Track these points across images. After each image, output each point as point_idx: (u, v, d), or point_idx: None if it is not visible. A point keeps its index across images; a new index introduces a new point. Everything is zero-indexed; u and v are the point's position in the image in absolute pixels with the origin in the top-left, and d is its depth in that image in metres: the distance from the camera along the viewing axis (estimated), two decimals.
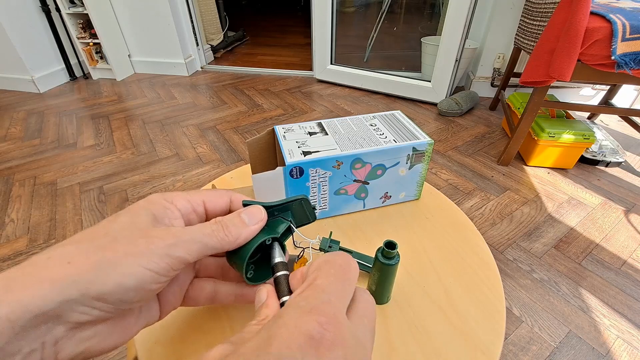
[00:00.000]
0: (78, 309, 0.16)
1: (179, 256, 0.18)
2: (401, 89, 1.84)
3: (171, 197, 0.22)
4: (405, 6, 2.38)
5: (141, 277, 0.17)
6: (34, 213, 1.08)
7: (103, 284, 0.16)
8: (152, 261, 0.17)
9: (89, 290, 0.16)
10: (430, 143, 0.39)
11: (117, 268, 0.17)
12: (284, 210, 0.24)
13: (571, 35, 0.90)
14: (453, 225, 0.41)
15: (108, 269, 0.17)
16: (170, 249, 0.18)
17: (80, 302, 0.16)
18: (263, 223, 0.22)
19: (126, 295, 0.17)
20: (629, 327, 0.76)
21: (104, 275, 0.16)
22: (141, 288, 0.17)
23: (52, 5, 1.89)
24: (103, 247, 0.17)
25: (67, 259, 0.16)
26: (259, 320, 0.17)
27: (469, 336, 0.29)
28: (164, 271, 0.18)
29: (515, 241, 0.97)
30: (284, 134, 0.40)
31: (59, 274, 0.16)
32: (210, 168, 1.28)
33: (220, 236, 0.20)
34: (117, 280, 0.17)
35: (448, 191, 1.16)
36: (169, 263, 0.18)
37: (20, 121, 1.65)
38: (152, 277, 0.18)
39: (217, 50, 2.58)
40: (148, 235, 0.18)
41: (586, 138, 1.17)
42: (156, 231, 0.19)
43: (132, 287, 0.17)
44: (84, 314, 0.16)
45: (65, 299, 0.15)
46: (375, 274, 0.29)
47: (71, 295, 0.15)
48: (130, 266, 0.17)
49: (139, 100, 1.87)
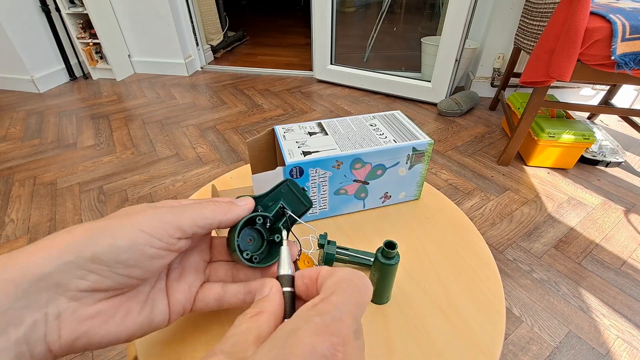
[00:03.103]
0: (75, 273, 0.17)
1: (171, 220, 0.19)
2: (401, 89, 1.84)
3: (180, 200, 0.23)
4: (405, 6, 2.38)
5: (134, 238, 0.18)
6: (34, 213, 1.08)
7: (96, 245, 0.17)
8: (147, 225, 0.19)
9: (83, 252, 0.17)
10: (430, 143, 0.39)
11: (109, 231, 0.18)
12: (276, 199, 0.25)
13: (571, 35, 0.90)
14: (453, 225, 0.41)
15: (102, 233, 0.18)
16: (163, 214, 0.19)
17: (76, 264, 0.17)
18: (252, 204, 0.23)
19: (120, 256, 0.18)
20: (629, 327, 0.76)
21: (97, 238, 0.18)
22: (134, 249, 0.18)
23: (52, 5, 1.89)
24: (101, 220, 0.19)
25: (68, 230, 0.18)
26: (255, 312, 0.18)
27: (469, 336, 0.29)
28: (158, 234, 0.19)
29: (515, 241, 0.97)
30: (283, 134, 0.40)
31: (58, 242, 0.17)
32: (210, 168, 1.28)
33: (213, 206, 0.21)
34: (109, 241, 0.18)
35: (448, 191, 1.16)
36: (162, 227, 0.19)
37: (20, 121, 1.65)
38: (146, 239, 0.18)
39: (217, 50, 2.58)
40: (143, 209, 0.20)
41: (586, 138, 1.17)
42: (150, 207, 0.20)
43: (125, 247, 0.18)
44: (82, 279, 0.17)
45: (63, 262, 0.16)
46: (375, 274, 0.29)
47: (67, 257, 0.16)
48: (123, 228, 0.18)
49: (139, 100, 1.87)
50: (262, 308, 0.18)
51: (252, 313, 0.18)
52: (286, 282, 0.21)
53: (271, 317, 0.18)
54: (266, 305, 0.18)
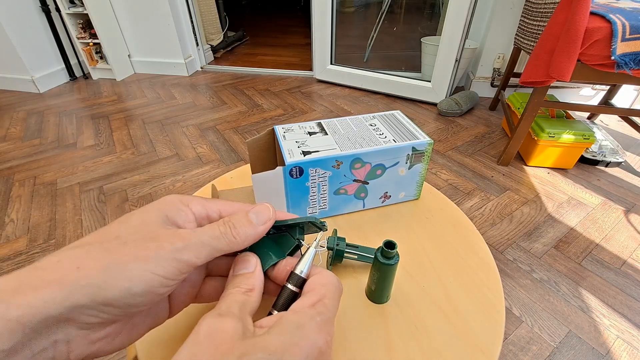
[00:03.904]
0: (87, 312, 0.16)
1: (187, 260, 0.18)
2: (401, 89, 1.84)
3: (187, 200, 0.22)
4: (405, 6, 2.38)
5: (149, 282, 0.17)
6: (34, 213, 1.08)
7: (111, 290, 0.16)
8: (161, 266, 0.17)
9: (96, 296, 0.16)
10: (430, 143, 0.39)
11: (124, 273, 0.17)
12: (292, 227, 0.24)
13: (571, 36, 0.90)
14: (453, 225, 0.41)
15: (116, 274, 0.17)
16: (178, 253, 0.18)
17: (88, 307, 0.16)
18: (271, 223, 0.22)
19: (134, 300, 0.17)
20: (629, 327, 0.76)
21: (112, 280, 0.16)
22: (149, 292, 0.17)
23: (52, 5, 1.89)
24: (112, 251, 0.17)
25: (77, 263, 0.16)
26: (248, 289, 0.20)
27: (468, 336, 0.29)
28: (172, 275, 0.18)
29: (515, 241, 0.97)
30: (283, 133, 0.40)
31: (68, 279, 0.16)
32: (210, 168, 1.28)
33: (229, 238, 0.20)
34: (125, 285, 0.17)
35: (448, 191, 1.16)
36: (177, 267, 0.18)
37: (20, 121, 1.65)
38: (161, 281, 0.18)
39: (217, 50, 2.58)
40: (157, 238, 0.18)
41: (586, 138, 1.17)
42: (165, 234, 0.19)
43: (140, 292, 0.17)
44: (93, 316, 0.16)
45: (74, 304, 0.15)
46: (375, 273, 0.29)
47: (79, 300, 0.16)
48: (138, 271, 0.17)
49: (139, 100, 1.87)
50: (253, 286, 0.20)
51: (245, 289, 0.20)
52: (295, 280, 0.21)
53: (260, 294, 0.20)
54: (256, 284, 0.20)
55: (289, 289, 0.21)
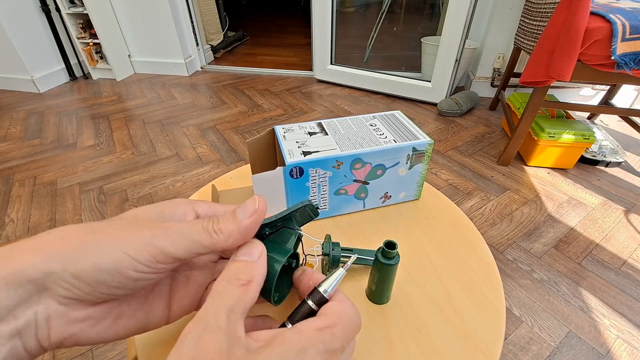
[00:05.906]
0: (60, 283, 0.17)
1: (162, 247, 0.18)
2: (401, 89, 1.84)
3: (195, 202, 0.22)
4: (405, 6, 2.38)
5: (119, 261, 0.17)
6: (34, 213, 1.08)
7: (82, 263, 0.17)
8: (134, 248, 0.18)
9: (67, 266, 0.17)
10: (430, 143, 0.39)
11: (97, 248, 0.17)
12: (287, 219, 0.23)
13: (571, 35, 0.90)
14: (453, 225, 0.41)
15: (90, 248, 0.17)
16: (155, 239, 0.18)
17: (60, 276, 0.17)
18: (259, 215, 0.20)
19: (101, 276, 0.17)
20: (629, 327, 0.76)
21: (84, 254, 0.17)
22: (117, 272, 0.17)
23: (52, 5, 1.89)
24: (96, 230, 0.18)
25: (62, 235, 0.18)
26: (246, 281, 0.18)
27: (469, 336, 0.29)
28: (144, 260, 0.18)
29: (515, 241, 0.97)
30: (284, 134, 0.40)
31: (49, 247, 0.17)
32: (210, 168, 1.28)
33: (210, 232, 0.19)
34: (94, 260, 0.17)
35: (448, 191, 1.16)
36: (151, 252, 0.18)
37: (20, 121, 1.65)
38: (131, 263, 0.17)
39: (217, 50, 2.58)
40: (142, 226, 0.19)
41: (586, 138, 1.17)
42: (151, 224, 0.19)
43: (107, 269, 0.17)
44: (66, 289, 0.17)
45: (50, 270, 0.16)
46: (375, 274, 0.29)
47: (53, 268, 0.16)
48: (111, 249, 0.17)
49: (139, 101, 1.87)
50: (252, 277, 0.18)
51: (244, 280, 0.18)
52: (317, 298, 0.20)
53: (258, 287, 0.19)
54: (256, 275, 0.19)
55: (309, 305, 0.20)
